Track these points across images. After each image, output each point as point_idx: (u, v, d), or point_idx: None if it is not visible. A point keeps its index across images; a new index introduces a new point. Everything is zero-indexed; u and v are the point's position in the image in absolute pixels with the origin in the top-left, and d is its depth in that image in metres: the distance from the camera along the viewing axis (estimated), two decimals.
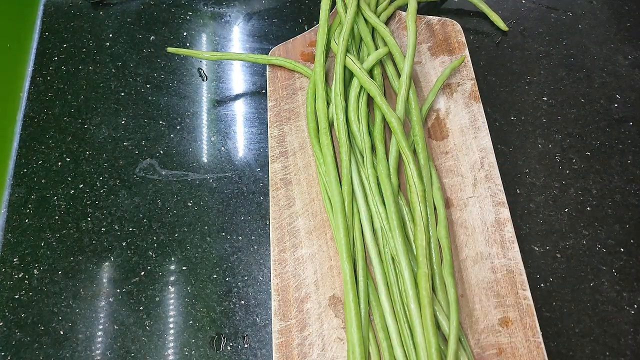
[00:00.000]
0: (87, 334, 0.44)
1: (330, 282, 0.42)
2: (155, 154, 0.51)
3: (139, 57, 0.57)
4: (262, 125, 0.52)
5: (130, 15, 0.60)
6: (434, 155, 0.46)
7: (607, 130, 0.49)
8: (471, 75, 0.49)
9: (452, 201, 0.44)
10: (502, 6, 0.57)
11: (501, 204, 0.43)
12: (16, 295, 0.45)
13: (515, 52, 0.54)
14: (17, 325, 0.44)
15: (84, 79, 0.56)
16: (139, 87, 0.55)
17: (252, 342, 0.42)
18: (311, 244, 0.44)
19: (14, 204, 0.50)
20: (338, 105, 0.45)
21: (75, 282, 0.46)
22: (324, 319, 0.41)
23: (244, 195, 0.49)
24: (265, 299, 0.44)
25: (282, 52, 0.54)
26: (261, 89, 0.54)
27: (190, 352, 0.42)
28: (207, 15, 0.60)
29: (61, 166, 0.51)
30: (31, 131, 0.53)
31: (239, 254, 0.46)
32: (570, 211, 0.45)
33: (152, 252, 0.47)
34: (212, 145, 0.52)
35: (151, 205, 0.49)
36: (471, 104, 0.48)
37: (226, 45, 0.58)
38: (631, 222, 0.44)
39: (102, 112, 0.54)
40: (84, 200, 0.49)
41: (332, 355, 0.39)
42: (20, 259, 0.47)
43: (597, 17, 0.55)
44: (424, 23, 0.53)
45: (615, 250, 0.43)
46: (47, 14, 0.60)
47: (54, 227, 0.48)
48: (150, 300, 0.45)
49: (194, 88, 0.55)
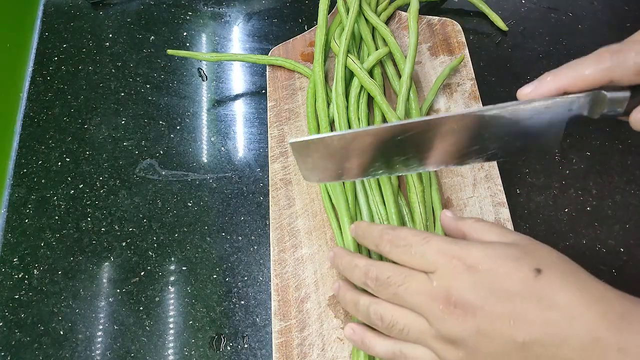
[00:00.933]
0: (87, 334, 0.44)
1: (330, 282, 0.42)
2: (155, 154, 0.51)
3: (139, 57, 0.57)
4: (262, 125, 0.52)
5: (130, 15, 0.60)
6: None
7: (607, 130, 0.49)
8: (471, 75, 0.49)
9: (452, 201, 0.44)
10: (502, 6, 0.57)
11: (501, 204, 0.43)
12: (16, 295, 0.45)
13: (515, 52, 0.54)
14: (17, 325, 0.44)
15: (84, 79, 0.56)
16: (139, 87, 0.55)
17: (252, 342, 0.42)
18: (311, 244, 0.44)
19: (14, 204, 0.50)
20: (340, 105, 0.45)
21: (75, 282, 0.46)
22: (324, 319, 0.41)
23: (244, 195, 0.49)
24: (265, 299, 0.44)
25: (282, 52, 0.54)
26: (261, 89, 0.54)
27: (190, 352, 0.42)
28: (207, 15, 0.60)
29: (61, 166, 0.51)
30: (31, 131, 0.53)
31: (239, 254, 0.46)
32: (570, 211, 0.45)
33: (152, 252, 0.47)
34: (212, 145, 0.52)
35: (151, 206, 0.49)
36: (471, 104, 0.48)
37: (226, 45, 0.58)
38: (631, 222, 0.44)
39: (102, 112, 0.54)
40: (84, 200, 0.49)
41: (332, 355, 0.39)
42: (20, 259, 0.47)
43: (598, 18, 0.55)
44: (424, 23, 0.53)
45: (615, 250, 0.43)
46: (47, 14, 0.60)
47: (54, 227, 0.48)
48: (150, 300, 0.45)
49: (194, 88, 0.55)
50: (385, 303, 0.32)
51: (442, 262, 0.30)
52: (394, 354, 0.32)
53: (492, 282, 0.28)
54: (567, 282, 0.28)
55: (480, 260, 0.29)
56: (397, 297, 0.31)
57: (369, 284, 0.33)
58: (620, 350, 0.25)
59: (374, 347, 0.34)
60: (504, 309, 0.27)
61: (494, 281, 0.28)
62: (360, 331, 0.35)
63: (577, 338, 0.26)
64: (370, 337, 0.34)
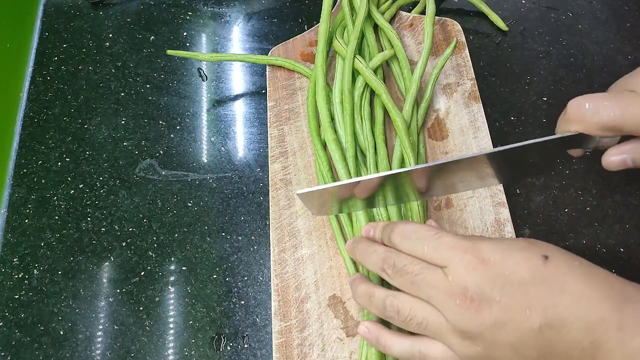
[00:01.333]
0: (87, 334, 0.44)
1: (330, 282, 0.42)
2: (155, 154, 0.51)
3: (139, 57, 0.57)
4: (262, 125, 0.52)
5: (130, 15, 0.60)
6: (433, 156, 0.46)
7: None
8: (471, 75, 0.49)
9: (452, 202, 0.44)
10: (502, 6, 0.57)
11: (501, 204, 0.43)
12: (16, 295, 0.45)
13: (515, 52, 0.54)
14: (17, 325, 0.44)
15: (84, 79, 0.56)
16: (139, 87, 0.55)
17: (252, 342, 0.42)
18: (311, 244, 0.44)
19: (14, 204, 0.50)
20: (347, 106, 0.45)
21: (75, 282, 0.46)
22: (324, 319, 0.41)
23: (244, 195, 0.49)
24: (265, 299, 0.44)
25: (282, 52, 0.54)
26: (261, 89, 0.54)
27: (190, 352, 0.42)
28: (207, 15, 0.60)
29: (61, 166, 0.51)
30: (31, 131, 0.53)
31: (239, 254, 0.46)
32: (570, 211, 0.45)
33: (152, 252, 0.47)
34: (212, 145, 0.52)
35: (151, 206, 0.49)
36: (471, 104, 0.48)
37: (226, 45, 0.58)
38: (631, 222, 0.44)
39: (102, 112, 0.54)
40: (84, 200, 0.49)
41: (332, 355, 0.39)
42: (20, 259, 0.47)
43: (597, 17, 0.55)
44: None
45: (615, 250, 0.43)
46: (47, 14, 0.60)
47: (54, 227, 0.48)
48: (150, 300, 0.45)
49: (194, 88, 0.55)
50: (402, 295, 0.32)
51: (455, 257, 0.30)
52: (412, 354, 0.32)
53: (504, 273, 0.29)
54: (573, 267, 0.29)
55: (491, 253, 0.29)
56: (414, 286, 0.31)
57: (386, 269, 0.32)
58: (620, 329, 0.26)
59: (390, 346, 0.33)
60: (519, 298, 0.28)
61: (506, 272, 0.29)
62: (375, 330, 0.34)
63: (583, 319, 0.27)
64: (386, 336, 0.34)
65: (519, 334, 0.28)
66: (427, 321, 0.31)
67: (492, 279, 0.29)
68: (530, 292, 0.28)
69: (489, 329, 0.28)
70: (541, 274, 0.28)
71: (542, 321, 0.27)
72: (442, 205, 0.44)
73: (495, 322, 0.28)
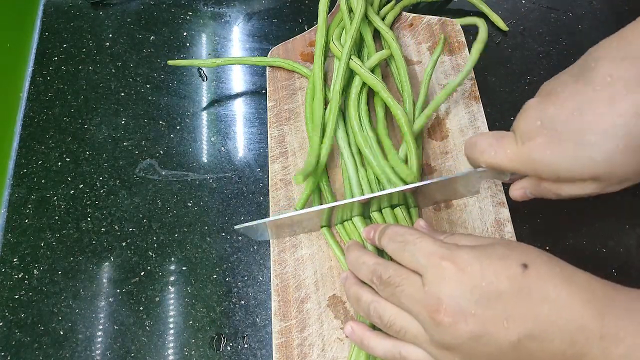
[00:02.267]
0: (87, 334, 0.44)
1: (330, 282, 0.42)
2: (155, 154, 0.51)
3: (139, 57, 0.57)
4: (262, 126, 0.52)
5: (130, 15, 0.60)
6: (434, 156, 0.46)
7: None
8: (471, 75, 0.49)
9: (452, 202, 0.44)
10: (502, 6, 0.56)
11: (501, 204, 0.43)
12: (16, 295, 0.45)
13: (515, 52, 0.54)
14: (17, 325, 0.44)
15: (84, 79, 0.56)
16: (139, 87, 0.55)
17: (252, 342, 0.42)
18: (311, 244, 0.44)
19: (14, 204, 0.50)
20: (333, 107, 0.45)
21: (75, 282, 0.46)
22: (324, 319, 0.41)
23: (244, 195, 0.49)
24: (265, 299, 0.44)
25: (282, 52, 0.54)
26: (261, 89, 0.54)
27: (190, 352, 0.42)
28: (207, 15, 0.60)
29: (61, 166, 0.51)
30: (31, 131, 0.53)
31: (239, 254, 0.46)
32: (570, 211, 0.45)
33: (152, 252, 0.47)
34: (212, 145, 0.52)
35: (151, 206, 0.49)
36: (471, 104, 0.48)
37: (226, 46, 0.58)
38: (631, 222, 0.44)
39: (102, 112, 0.54)
40: (84, 200, 0.49)
41: (332, 355, 0.39)
42: (20, 259, 0.47)
43: (597, 18, 0.55)
44: (424, 23, 0.53)
45: (615, 250, 0.43)
46: (47, 14, 0.60)
47: (54, 227, 0.48)
48: (150, 300, 0.45)
49: (194, 88, 0.55)
50: (385, 302, 0.32)
51: (432, 264, 0.30)
52: (393, 355, 0.33)
53: (481, 284, 0.28)
54: (553, 274, 0.28)
55: (468, 262, 0.29)
56: (394, 298, 0.31)
57: (375, 280, 0.33)
58: (602, 337, 0.26)
59: (373, 347, 0.34)
60: (495, 310, 0.27)
61: (482, 283, 0.28)
62: (359, 331, 0.35)
63: (565, 328, 0.26)
64: (369, 338, 0.34)
65: (496, 346, 0.27)
66: (406, 330, 0.31)
67: (469, 290, 0.28)
68: (508, 303, 0.27)
69: (465, 342, 0.28)
70: (520, 284, 0.27)
71: (521, 333, 0.27)
72: (442, 205, 0.44)
73: (472, 336, 0.27)
